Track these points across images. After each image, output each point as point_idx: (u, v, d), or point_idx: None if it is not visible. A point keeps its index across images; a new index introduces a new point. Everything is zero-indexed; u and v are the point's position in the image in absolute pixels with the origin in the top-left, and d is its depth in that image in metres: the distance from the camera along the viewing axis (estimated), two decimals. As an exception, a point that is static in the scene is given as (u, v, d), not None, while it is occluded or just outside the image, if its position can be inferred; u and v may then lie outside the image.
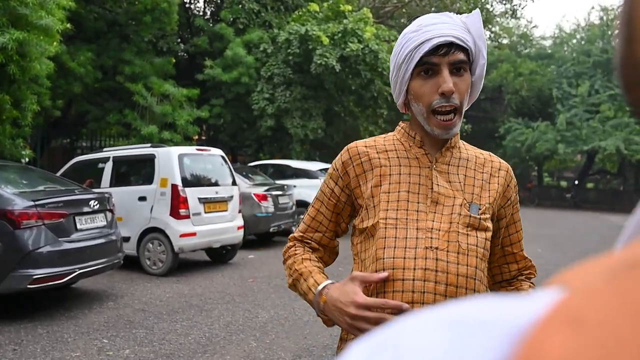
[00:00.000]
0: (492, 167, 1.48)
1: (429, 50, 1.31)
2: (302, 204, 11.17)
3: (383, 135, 1.54)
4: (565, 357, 0.20)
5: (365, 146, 1.48)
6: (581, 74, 26.55)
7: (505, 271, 1.55)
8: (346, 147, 1.51)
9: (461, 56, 1.33)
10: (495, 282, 1.57)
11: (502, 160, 1.52)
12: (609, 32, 27.16)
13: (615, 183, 32.97)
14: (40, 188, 5.94)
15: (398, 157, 1.44)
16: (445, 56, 1.32)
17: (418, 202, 1.38)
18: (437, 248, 1.33)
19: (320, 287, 1.37)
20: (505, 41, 31.91)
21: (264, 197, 9.84)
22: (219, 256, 8.55)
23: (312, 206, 1.56)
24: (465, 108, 1.38)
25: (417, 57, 1.32)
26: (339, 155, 1.50)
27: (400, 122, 1.52)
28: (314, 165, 12.18)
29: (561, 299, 0.23)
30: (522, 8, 39.96)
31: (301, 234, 1.55)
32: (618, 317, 0.21)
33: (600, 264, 0.25)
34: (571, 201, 27.55)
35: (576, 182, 29.85)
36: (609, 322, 0.20)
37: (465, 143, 1.52)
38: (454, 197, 1.39)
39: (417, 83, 1.36)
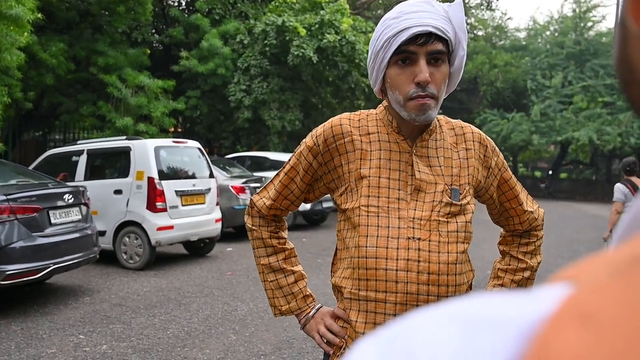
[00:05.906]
0: (465, 139, 1.48)
1: (407, 39, 1.29)
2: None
3: (367, 112, 1.51)
4: (578, 354, 0.20)
5: (350, 124, 1.46)
6: (555, 65, 26.91)
7: (510, 223, 1.61)
8: (330, 122, 1.48)
9: (439, 46, 1.32)
10: (507, 232, 1.66)
11: (474, 129, 1.51)
12: (582, 25, 27.56)
13: (587, 173, 33.54)
14: (13, 182, 5.81)
15: (379, 141, 1.43)
16: (423, 46, 1.30)
17: (398, 189, 1.38)
18: (419, 239, 1.34)
19: (318, 306, 1.59)
20: (480, 33, 32.16)
21: (241, 190, 9.79)
22: (196, 249, 8.49)
23: (286, 174, 1.55)
24: (442, 98, 1.37)
25: (395, 46, 1.30)
26: (322, 129, 1.47)
27: (384, 101, 1.49)
28: (291, 157, 12.12)
29: (569, 296, 0.23)
30: (497, 0, 40.33)
31: (272, 202, 1.57)
32: (628, 313, 0.21)
33: (605, 259, 0.25)
34: (545, 191, 27.97)
35: (550, 172, 30.31)
36: (619, 318, 0.21)
37: (440, 118, 1.50)
38: (435, 184, 1.39)
39: (393, 71, 1.34)
